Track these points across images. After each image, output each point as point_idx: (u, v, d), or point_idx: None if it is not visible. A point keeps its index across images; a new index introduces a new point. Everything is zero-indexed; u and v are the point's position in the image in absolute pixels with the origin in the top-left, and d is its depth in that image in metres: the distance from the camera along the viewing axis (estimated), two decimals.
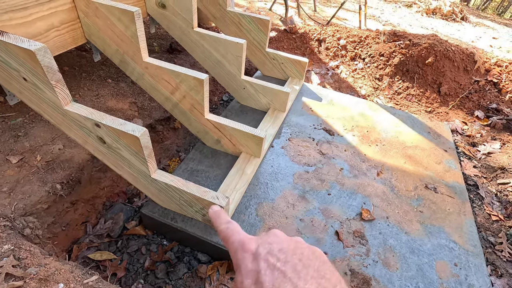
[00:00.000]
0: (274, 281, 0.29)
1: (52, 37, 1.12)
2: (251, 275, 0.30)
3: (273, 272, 0.30)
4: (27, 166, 1.19)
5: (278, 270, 0.30)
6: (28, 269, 0.82)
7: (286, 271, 0.29)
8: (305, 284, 0.28)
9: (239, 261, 0.33)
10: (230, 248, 0.35)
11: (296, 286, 0.28)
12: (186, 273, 1.14)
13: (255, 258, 0.31)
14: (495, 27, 6.04)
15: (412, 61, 2.44)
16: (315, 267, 0.30)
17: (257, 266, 0.31)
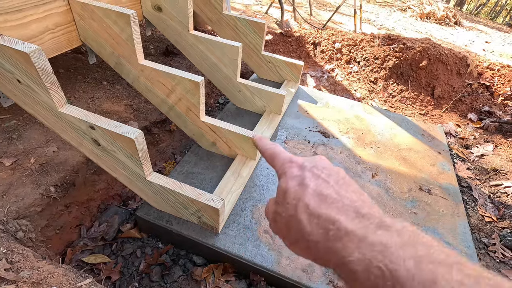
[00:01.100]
0: (318, 185, 0.32)
1: (47, 40, 1.12)
2: (296, 180, 0.33)
3: (317, 179, 0.33)
4: (20, 168, 1.18)
5: (321, 179, 0.33)
6: (20, 272, 0.82)
7: (329, 181, 0.33)
8: (346, 193, 0.31)
9: (285, 169, 0.36)
10: (277, 162, 0.38)
11: (338, 192, 0.31)
12: (181, 276, 1.13)
13: (301, 168, 0.35)
14: (488, 31, 6.14)
15: (406, 65, 2.47)
16: (355, 188, 0.33)
17: (302, 173, 0.34)
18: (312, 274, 1.06)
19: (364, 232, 0.27)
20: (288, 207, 0.32)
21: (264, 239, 1.14)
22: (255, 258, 1.07)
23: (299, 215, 0.31)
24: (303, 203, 0.31)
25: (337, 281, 1.05)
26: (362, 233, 0.27)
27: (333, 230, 0.29)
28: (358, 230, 0.27)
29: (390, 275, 0.23)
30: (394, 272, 0.23)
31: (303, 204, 0.31)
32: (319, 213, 0.30)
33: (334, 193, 0.31)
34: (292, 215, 0.32)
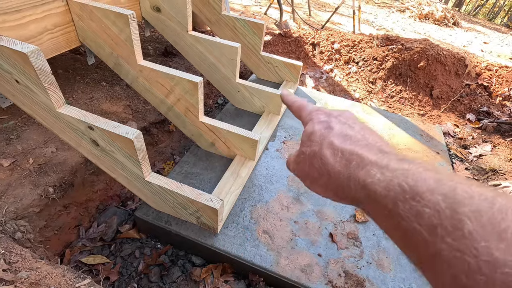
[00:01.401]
0: (343, 128, 0.34)
1: (45, 40, 1.12)
2: (323, 124, 0.36)
3: (343, 125, 0.35)
4: (19, 169, 1.17)
5: (347, 124, 0.35)
6: (19, 273, 0.81)
7: (354, 127, 0.35)
8: (370, 136, 0.33)
9: (313, 116, 0.38)
10: (304, 112, 0.41)
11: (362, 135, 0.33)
12: (180, 277, 1.13)
13: (328, 115, 0.37)
14: (486, 32, 6.17)
15: (405, 65, 2.48)
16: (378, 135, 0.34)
17: (329, 119, 0.36)
18: (311, 274, 1.06)
19: (387, 161, 0.28)
20: (313, 145, 0.34)
21: (263, 239, 1.14)
22: (254, 258, 1.07)
23: (323, 150, 0.33)
24: (328, 141, 0.33)
25: (336, 281, 1.05)
26: (385, 162, 0.28)
27: (355, 160, 0.30)
28: (380, 160, 0.28)
29: (410, 189, 0.24)
30: (414, 187, 0.24)
31: (327, 141, 0.33)
32: (343, 148, 0.32)
33: (358, 135, 0.33)
34: (316, 151, 0.33)
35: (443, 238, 0.21)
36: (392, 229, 0.26)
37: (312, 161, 0.34)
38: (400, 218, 0.24)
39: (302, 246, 1.14)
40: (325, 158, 0.32)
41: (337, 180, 0.31)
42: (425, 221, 0.22)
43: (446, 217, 0.21)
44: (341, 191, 0.31)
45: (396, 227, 0.25)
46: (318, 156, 0.33)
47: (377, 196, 0.26)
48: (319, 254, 1.12)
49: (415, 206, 0.23)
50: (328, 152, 0.32)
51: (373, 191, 0.27)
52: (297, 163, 0.37)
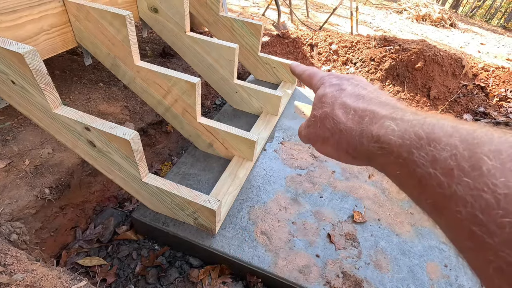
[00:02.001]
0: (355, 89, 0.34)
1: (42, 41, 1.11)
2: (335, 87, 0.36)
3: (355, 86, 0.35)
4: (15, 170, 1.17)
5: (359, 86, 0.35)
6: (14, 275, 0.81)
7: (367, 88, 0.35)
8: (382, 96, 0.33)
9: (324, 80, 0.38)
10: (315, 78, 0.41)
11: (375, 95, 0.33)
12: (178, 278, 1.12)
13: (339, 78, 0.38)
14: (483, 33, 6.21)
15: (402, 66, 2.49)
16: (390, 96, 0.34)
17: (340, 82, 0.36)
18: (309, 275, 1.05)
19: (402, 114, 0.28)
20: (324, 106, 0.34)
21: (261, 240, 1.13)
22: (252, 260, 1.07)
23: (335, 110, 0.33)
24: (339, 101, 0.33)
25: (334, 281, 1.05)
26: (400, 115, 0.27)
27: (368, 116, 0.30)
28: (395, 114, 0.28)
29: (426, 136, 0.23)
30: (430, 134, 0.23)
31: (339, 101, 0.33)
32: (355, 107, 0.32)
33: (371, 94, 0.33)
34: (327, 112, 0.33)
35: (460, 178, 0.20)
36: (406, 178, 0.25)
37: (324, 122, 0.34)
38: (415, 165, 0.23)
39: (300, 247, 1.13)
40: (337, 117, 0.32)
41: (349, 137, 0.31)
42: (441, 164, 0.22)
43: (463, 158, 0.21)
44: (353, 148, 0.31)
45: (411, 176, 0.24)
46: (330, 117, 0.33)
47: (391, 147, 0.26)
48: (317, 255, 1.12)
49: (431, 152, 0.23)
50: (340, 112, 0.32)
51: (387, 142, 0.26)
52: (307, 126, 0.37)
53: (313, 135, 0.36)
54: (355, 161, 0.32)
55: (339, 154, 0.33)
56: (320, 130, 0.34)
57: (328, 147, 0.34)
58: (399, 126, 0.26)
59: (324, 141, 0.34)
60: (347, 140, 0.31)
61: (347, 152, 0.32)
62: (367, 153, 0.29)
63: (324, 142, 0.34)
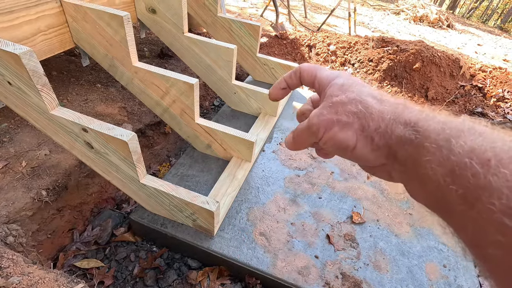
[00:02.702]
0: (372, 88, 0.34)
1: (39, 41, 1.11)
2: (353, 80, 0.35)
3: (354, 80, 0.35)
4: (11, 172, 1.16)
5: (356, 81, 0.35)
6: (10, 278, 0.80)
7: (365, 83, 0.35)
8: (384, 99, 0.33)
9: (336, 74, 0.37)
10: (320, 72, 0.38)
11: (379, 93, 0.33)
12: (176, 280, 1.12)
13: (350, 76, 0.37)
14: (480, 34, 6.25)
15: (400, 67, 2.50)
16: None
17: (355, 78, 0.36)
18: (308, 276, 1.05)
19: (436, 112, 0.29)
20: (348, 92, 0.33)
21: (260, 241, 1.13)
22: (251, 261, 1.07)
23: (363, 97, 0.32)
24: (366, 90, 0.33)
25: (333, 283, 1.04)
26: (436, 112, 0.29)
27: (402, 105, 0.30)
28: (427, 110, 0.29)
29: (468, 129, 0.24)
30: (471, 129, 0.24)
31: (366, 91, 0.32)
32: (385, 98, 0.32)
33: None
34: (353, 97, 0.32)
35: (497, 168, 0.20)
36: (436, 165, 0.24)
37: (347, 107, 0.31)
38: (451, 153, 0.23)
39: (299, 248, 1.13)
40: (366, 102, 0.31)
41: (380, 120, 0.29)
42: (478, 154, 0.22)
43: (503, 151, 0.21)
44: (381, 133, 0.29)
45: (443, 163, 0.24)
46: (357, 101, 0.31)
47: (428, 132, 0.26)
48: (316, 256, 1.11)
49: (471, 142, 0.23)
50: (369, 98, 0.31)
51: (425, 128, 0.26)
52: (320, 114, 0.33)
53: (328, 121, 0.32)
54: (373, 153, 0.31)
55: (358, 141, 0.31)
56: (339, 116, 0.32)
57: (348, 132, 0.31)
58: (438, 117, 0.27)
59: (344, 126, 0.31)
60: (377, 124, 0.30)
61: (372, 139, 0.30)
62: (396, 140, 0.28)
63: (344, 127, 0.31)
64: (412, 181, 0.28)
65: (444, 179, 0.23)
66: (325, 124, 0.32)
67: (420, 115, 0.28)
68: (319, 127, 0.33)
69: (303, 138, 0.36)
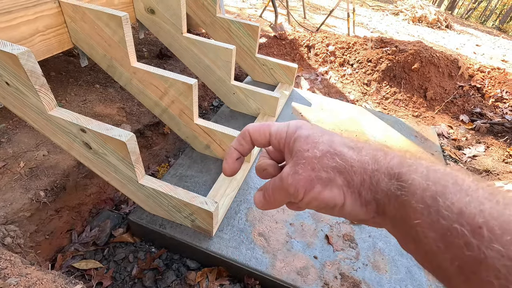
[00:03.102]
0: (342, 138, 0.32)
1: (37, 42, 1.10)
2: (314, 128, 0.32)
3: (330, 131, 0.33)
4: (9, 173, 1.15)
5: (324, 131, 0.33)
6: (8, 279, 0.79)
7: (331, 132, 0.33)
8: None
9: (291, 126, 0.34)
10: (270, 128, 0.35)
11: None
12: (175, 281, 1.11)
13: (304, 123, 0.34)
14: (478, 35, 6.27)
15: (399, 67, 2.50)
16: None
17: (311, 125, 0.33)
18: (307, 276, 1.05)
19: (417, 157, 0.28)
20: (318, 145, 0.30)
21: (259, 242, 1.13)
22: (250, 262, 1.06)
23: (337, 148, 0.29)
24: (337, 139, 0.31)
25: (332, 283, 1.04)
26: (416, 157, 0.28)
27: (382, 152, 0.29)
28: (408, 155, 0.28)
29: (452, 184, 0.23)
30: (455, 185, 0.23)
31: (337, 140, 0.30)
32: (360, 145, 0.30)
33: None
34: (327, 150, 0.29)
35: (490, 241, 0.19)
36: (427, 230, 0.23)
37: (322, 162, 0.29)
38: (440, 215, 0.22)
39: (298, 249, 1.13)
40: (342, 153, 0.29)
41: (363, 173, 0.27)
42: (468, 219, 0.20)
43: (492, 216, 0.19)
44: (367, 187, 0.27)
45: (433, 227, 0.22)
46: (332, 154, 0.29)
47: (414, 188, 0.24)
48: (315, 256, 1.11)
49: (458, 203, 0.21)
50: (345, 149, 0.29)
51: (410, 182, 0.24)
52: (294, 173, 0.30)
53: (307, 180, 0.29)
54: (363, 208, 0.28)
55: (346, 197, 0.29)
56: (318, 172, 0.29)
57: (334, 189, 0.29)
58: (421, 167, 0.25)
59: (327, 183, 0.29)
60: (361, 178, 0.28)
61: (360, 193, 0.28)
62: (383, 195, 0.26)
63: (327, 184, 0.29)
64: (405, 240, 0.27)
65: (437, 245, 0.22)
66: (303, 184, 0.29)
67: (402, 166, 0.26)
68: (297, 187, 0.30)
69: (277, 199, 0.33)
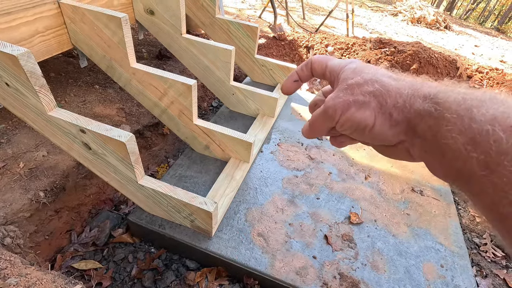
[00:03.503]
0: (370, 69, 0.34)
1: (36, 43, 1.11)
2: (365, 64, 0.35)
3: None
4: (9, 173, 1.15)
5: None
6: (7, 279, 0.80)
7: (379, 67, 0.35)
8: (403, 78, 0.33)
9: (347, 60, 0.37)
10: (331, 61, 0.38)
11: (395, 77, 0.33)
12: (174, 281, 1.12)
13: None
14: (477, 36, 6.28)
15: (398, 68, 2.51)
16: None
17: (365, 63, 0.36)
18: (306, 276, 1.05)
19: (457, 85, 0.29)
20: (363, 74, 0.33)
21: (258, 242, 1.13)
22: (249, 262, 1.07)
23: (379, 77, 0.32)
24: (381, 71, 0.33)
25: (331, 283, 1.05)
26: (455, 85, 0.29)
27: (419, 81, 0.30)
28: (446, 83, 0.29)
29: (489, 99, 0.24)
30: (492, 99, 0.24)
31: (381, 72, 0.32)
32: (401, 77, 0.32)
33: None
34: (368, 78, 0.32)
35: None
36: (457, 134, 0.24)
37: (363, 87, 0.31)
38: (473, 121, 0.23)
39: (297, 249, 1.13)
40: (382, 81, 0.31)
41: (398, 96, 0.29)
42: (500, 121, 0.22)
43: None
44: (400, 108, 0.29)
45: (464, 132, 0.23)
46: (373, 80, 0.31)
47: (449, 104, 0.25)
48: (314, 257, 1.12)
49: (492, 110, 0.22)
50: (385, 78, 0.31)
51: (445, 99, 0.26)
52: (336, 97, 0.33)
53: (345, 102, 0.32)
54: (392, 129, 0.30)
55: (376, 119, 0.31)
56: (356, 96, 0.31)
57: (366, 111, 0.31)
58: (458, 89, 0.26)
59: (361, 106, 0.31)
60: (394, 100, 0.29)
61: (391, 115, 0.30)
62: (415, 114, 0.28)
63: (361, 106, 0.31)
64: (432, 153, 0.28)
65: (465, 147, 0.23)
66: (341, 106, 0.32)
67: (439, 87, 0.28)
68: (336, 109, 0.32)
69: (319, 123, 0.36)
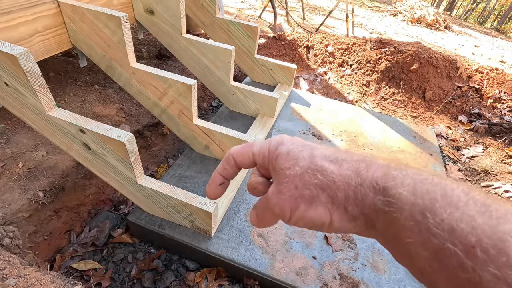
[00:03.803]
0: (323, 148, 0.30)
1: (36, 42, 1.10)
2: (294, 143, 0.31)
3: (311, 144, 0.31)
4: (8, 173, 1.15)
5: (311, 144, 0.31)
6: (6, 280, 0.79)
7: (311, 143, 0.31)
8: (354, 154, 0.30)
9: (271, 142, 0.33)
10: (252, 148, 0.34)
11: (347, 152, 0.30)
12: (174, 281, 1.11)
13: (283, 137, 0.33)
14: (477, 36, 6.29)
15: (398, 68, 2.51)
16: None
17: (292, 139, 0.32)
18: (306, 277, 1.05)
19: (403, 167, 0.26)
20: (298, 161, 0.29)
21: (258, 242, 1.13)
22: (249, 262, 1.06)
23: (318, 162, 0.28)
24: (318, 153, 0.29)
25: (331, 283, 1.04)
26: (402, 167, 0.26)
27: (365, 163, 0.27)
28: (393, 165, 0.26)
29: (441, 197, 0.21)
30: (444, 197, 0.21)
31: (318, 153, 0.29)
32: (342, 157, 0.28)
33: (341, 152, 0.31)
34: (307, 166, 0.28)
35: (485, 263, 0.18)
36: (419, 248, 0.21)
37: (305, 179, 0.28)
38: (430, 233, 0.20)
39: (297, 249, 1.13)
40: (323, 168, 0.27)
41: (347, 188, 0.26)
42: (460, 238, 0.19)
43: (485, 234, 0.18)
44: (353, 202, 0.26)
45: (425, 246, 0.21)
46: (312, 170, 0.27)
47: (401, 204, 0.22)
48: (314, 257, 1.11)
49: (448, 219, 0.20)
50: (325, 163, 0.27)
51: (397, 197, 0.23)
52: (278, 192, 0.29)
53: (291, 199, 0.28)
54: (351, 223, 0.27)
55: (332, 215, 0.27)
56: (301, 191, 0.28)
57: (319, 208, 0.27)
58: (407, 179, 0.23)
59: (311, 202, 0.28)
60: (344, 193, 0.26)
61: (346, 209, 0.27)
62: (370, 210, 0.25)
63: (311, 202, 0.28)
64: (399, 256, 0.25)
65: (431, 265, 0.21)
66: (288, 204, 0.28)
67: (386, 179, 0.24)
68: (283, 208, 0.29)
69: (267, 218, 0.32)
